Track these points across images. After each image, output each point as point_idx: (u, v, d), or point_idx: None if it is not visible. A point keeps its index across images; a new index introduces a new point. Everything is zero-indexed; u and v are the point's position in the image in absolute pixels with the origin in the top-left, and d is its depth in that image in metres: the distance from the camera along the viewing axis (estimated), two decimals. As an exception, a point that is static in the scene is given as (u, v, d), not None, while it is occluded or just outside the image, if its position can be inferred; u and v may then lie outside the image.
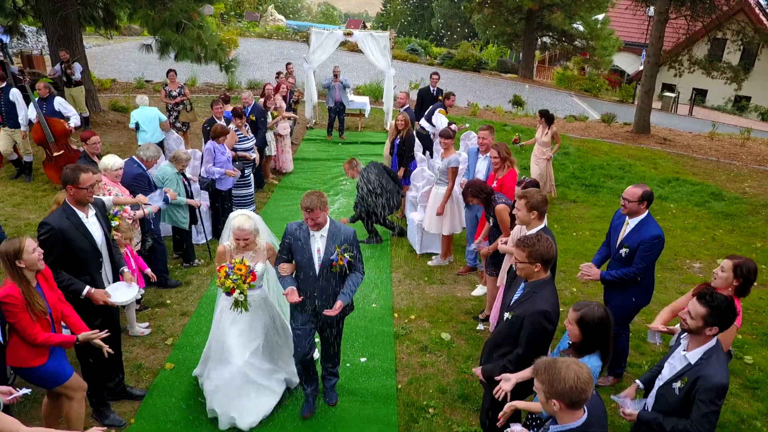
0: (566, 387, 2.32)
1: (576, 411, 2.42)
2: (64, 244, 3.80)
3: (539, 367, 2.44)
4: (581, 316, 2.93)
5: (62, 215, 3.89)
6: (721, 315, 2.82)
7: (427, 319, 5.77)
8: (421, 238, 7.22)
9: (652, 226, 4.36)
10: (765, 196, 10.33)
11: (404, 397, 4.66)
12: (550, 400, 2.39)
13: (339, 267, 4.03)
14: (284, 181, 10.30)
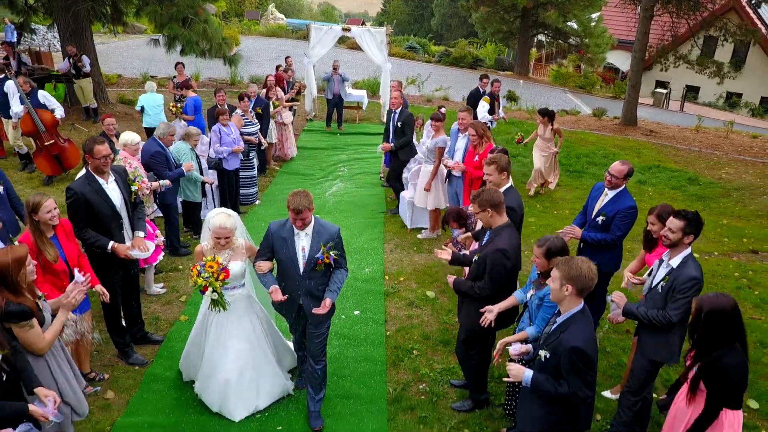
0: (580, 273, 2.94)
1: (579, 299, 3.02)
2: (87, 207, 4.41)
3: (559, 261, 3.07)
4: (547, 248, 3.56)
5: (85, 181, 4.49)
6: (695, 224, 3.59)
7: (414, 281, 6.40)
8: (411, 213, 7.85)
9: (628, 197, 4.93)
10: (739, 182, 10.94)
11: (392, 342, 5.29)
12: (564, 286, 2.98)
13: (324, 265, 4.01)
14: (285, 167, 10.92)
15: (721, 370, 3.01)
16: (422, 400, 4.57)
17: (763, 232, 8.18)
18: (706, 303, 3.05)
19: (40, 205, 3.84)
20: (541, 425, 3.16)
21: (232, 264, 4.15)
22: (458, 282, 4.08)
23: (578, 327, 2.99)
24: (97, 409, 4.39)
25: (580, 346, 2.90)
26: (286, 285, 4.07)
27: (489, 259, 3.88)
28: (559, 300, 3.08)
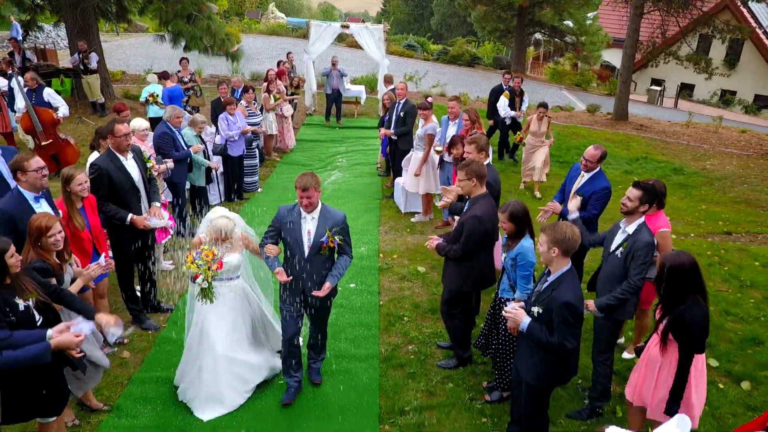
0: (564, 237, 3.36)
1: (566, 259, 3.44)
2: (109, 181, 4.86)
3: (546, 226, 3.49)
4: (510, 212, 3.99)
5: (107, 158, 4.95)
6: (651, 194, 4.05)
7: (406, 258, 6.85)
8: (405, 199, 8.29)
9: (603, 179, 5.38)
10: (722, 172, 11.38)
11: (385, 310, 5.73)
12: (551, 248, 3.40)
13: (328, 250, 4.12)
14: (285, 158, 11.35)
15: (685, 324, 3.39)
16: (411, 359, 5.01)
17: (738, 216, 8.62)
18: (668, 260, 3.46)
19: (73, 178, 4.28)
20: (537, 373, 3.55)
21: (228, 257, 4.27)
22: (439, 246, 4.52)
23: (568, 285, 3.40)
24: (115, 366, 4.83)
25: (571, 301, 3.31)
26: (290, 267, 4.18)
27: (466, 225, 4.32)
28: (548, 261, 3.50)
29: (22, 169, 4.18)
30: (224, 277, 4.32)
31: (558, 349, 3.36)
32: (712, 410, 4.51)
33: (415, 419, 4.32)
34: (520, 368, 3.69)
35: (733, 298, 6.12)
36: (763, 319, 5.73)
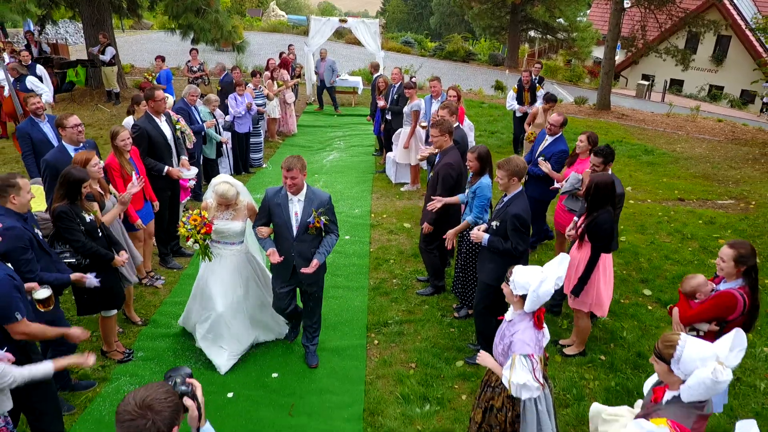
0: (517, 167, 4.32)
1: (519, 184, 4.37)
2: (148, 139, 5.86)
3: (501, 161, 4.39)
4: (478, 153, 4.98)
5: (146, 120, 5.97)
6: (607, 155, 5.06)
7: (394, 217, 7.84)
8: (395, 170, 9.28)
9: (563, 143, 6.40)
10: (690, 153, 12.36)
11: (374, 255, 6.72)
12: (511, 179, 4.34)
13: (315, 229, 4.30)
14: (288, 140, 12.33)
15: (598, 226, 4.47)
16: (395, 288, 6.00)
17: (693, 186, 9.61)
18: (595, 178, 4.57)
19: (118, 134, 5.27)
20: (495, 274, 4.44)
21: (232, 223, 4.54)
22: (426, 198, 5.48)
23: (518, 202, 4.38)
24: (149, 294, 5.83)
25: (520, 213, 4.29)
26: (281, 247, 4.37)
27: (441, 172, 5.31)
28: (505, 188, 4.46)
29: (62, 125, 5.20)
30: (228, 241, 4.61)
31: (512, 251, 4.33)
32: (640, 325, 5.50)
33: (396, 329, 5.31)
34: (480, 274, 4.67)
35: (674, 246, 7.11)
36: (697, 262, 6.71)
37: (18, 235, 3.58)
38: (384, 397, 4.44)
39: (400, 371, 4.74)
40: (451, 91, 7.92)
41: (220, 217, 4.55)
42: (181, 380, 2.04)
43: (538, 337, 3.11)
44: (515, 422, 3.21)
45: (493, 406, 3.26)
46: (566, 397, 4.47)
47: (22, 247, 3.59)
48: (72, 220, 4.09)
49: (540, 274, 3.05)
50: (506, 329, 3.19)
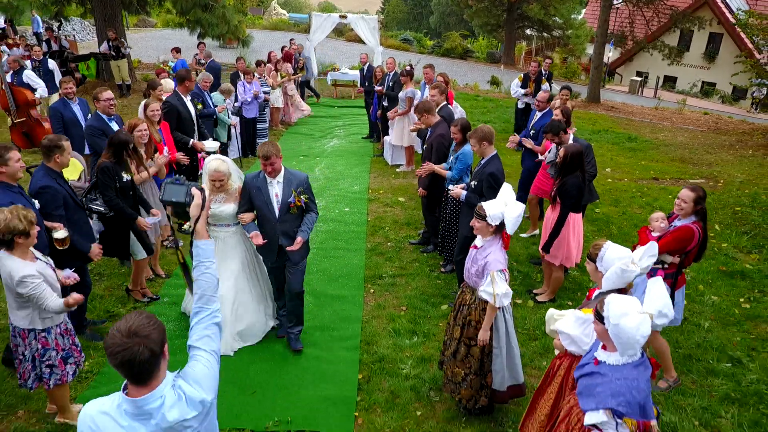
0: (485, 132, 5.05)
1: (492, 148, 5.09)
2: (177, 114, 6.60)
3: (470, 132, 5.12)
4: (460, 125, 5.69)
5: (175, 98, 6.72)
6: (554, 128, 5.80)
7: (390, 193, 8.56)
8: (392, 153, 10.00)
9: (550, 116, 7.13)
10: (671, 141, 13.07)
11: (371, 224, 7.44)
12: (482, 143, 5.06)
13: (297, 208, 4.45)
14: (290, 129, 13.04)
15: (567, 187, 5.18)
16: (389, 250, 6.72)
17: (669, 168, 10.32)
18: (569, 148, 5.29)
19: (149, 105, 6.03)
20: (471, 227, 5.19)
21: (225, 205, 4.67)
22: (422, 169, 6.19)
23: (493, 163, 5.09)
24: (170, 253, 6.54)
25: (494, 172, 5.00)
26: (264, 229, 4.51)
27: (434, 143, 6.04)
28: (481, 152, 5.18)
29: (97, 98, 5.96)
30: (222, 223, 4.77)
31: None
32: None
33: (389, 281, 6.03)
34: (461, 228, 5.39)
35: (644, 217, 7.80)
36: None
37: (53, 194, 4.28)
38: (378, 332, 5.16)
39: (392, 313, 5.46)
40: (439, 77, 8.62)
41: (213, 200, 4.68)
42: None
43: (505, 257, 3.82)
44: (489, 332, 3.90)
45: (471, 321, 3.95)
46: (536, 333, 5.19)
47: (56, 205, 4.30)
48: (110, 177, 4.81)
49: (503, 203, 3.77)
50: (477, 254, 3.88)
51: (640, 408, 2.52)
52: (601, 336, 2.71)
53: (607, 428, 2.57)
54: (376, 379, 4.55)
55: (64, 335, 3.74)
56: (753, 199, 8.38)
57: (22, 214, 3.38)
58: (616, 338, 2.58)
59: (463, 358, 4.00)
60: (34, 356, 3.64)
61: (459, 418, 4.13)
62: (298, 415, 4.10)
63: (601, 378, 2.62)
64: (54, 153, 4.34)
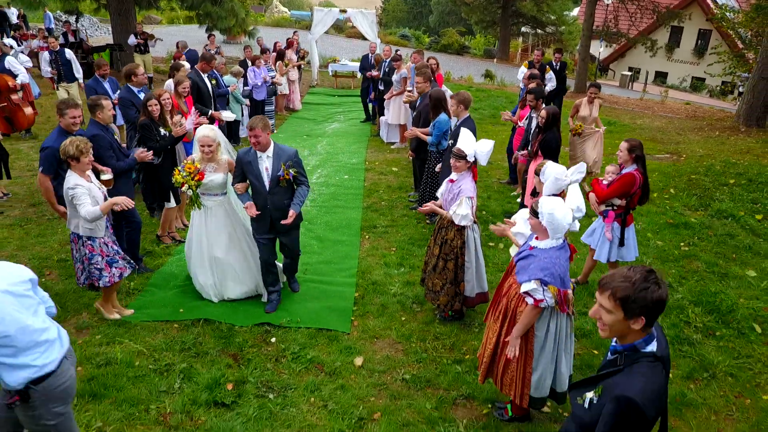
0: (464, 97, 6.07)
1: (466, 111, 6.10)
2: (197, 89, 7.62)
3: (453, 94, 6.13)
4: (433, 97, 6.68)
5: (195, 75, 7.73)
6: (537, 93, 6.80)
7: (385, 164, 9.58)
8: (387, 132, 11.01)
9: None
10: (648, 125, 14.06)
11: (367, 188, 8.46)
12: (459, 106, 6.08)
13: (286, 181, 4.73)
14: (294, 114, 14.05)
15: (547, 140, 6.23)
16: (383, 207, 7.74)
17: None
18: (548, 109, 6.31)
19: (181, 83, 7.05)
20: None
21: (215, 175, 4.98)
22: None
23: (468, 124, 6.09)
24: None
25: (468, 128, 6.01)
26: (256, 201, 4.81)
27: (422, 111, 7.06)
28: (457, 114, 6.20)
29: (135, 73, 6.96)
30: (211, 193, 5.08)
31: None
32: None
33: (382, 230, 7.05)
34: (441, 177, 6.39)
35: (609, 183, 8.82)
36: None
37: (100, 140, 5.27)
38: (372, 265, 6.17)
39: (384, 252, 6.47)
40: (431, 60, 9.62)
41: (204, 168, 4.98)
42: None
43: (475, 187, 4.82)
44: (462, 247, 4.88)
45: (447, 240, 4.93)
46: (504, 266, 6.19)
47: (104, 147, 5.30)
48: (150, 130, 5.84)
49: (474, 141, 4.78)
50: (453, 186, 4.85)
51: (561, 279, 3.51)
52: (535, 228, 3.69)
53: (536, 293, 3.55)
54: (369, 296, 5.56)
55: (107, 245, 4.66)
56: (708, 168, 9.38)
57: (75, 144, 4.35)
58: (549, 225, 3.52)
59: (441, 271, 4.98)
60: (83, 259, 4.60)
61: (435, 322, 5.14)
62: (305, 318, 5.11)
63: (533, 258, 3.60)
64: (96, 110, 5.38)
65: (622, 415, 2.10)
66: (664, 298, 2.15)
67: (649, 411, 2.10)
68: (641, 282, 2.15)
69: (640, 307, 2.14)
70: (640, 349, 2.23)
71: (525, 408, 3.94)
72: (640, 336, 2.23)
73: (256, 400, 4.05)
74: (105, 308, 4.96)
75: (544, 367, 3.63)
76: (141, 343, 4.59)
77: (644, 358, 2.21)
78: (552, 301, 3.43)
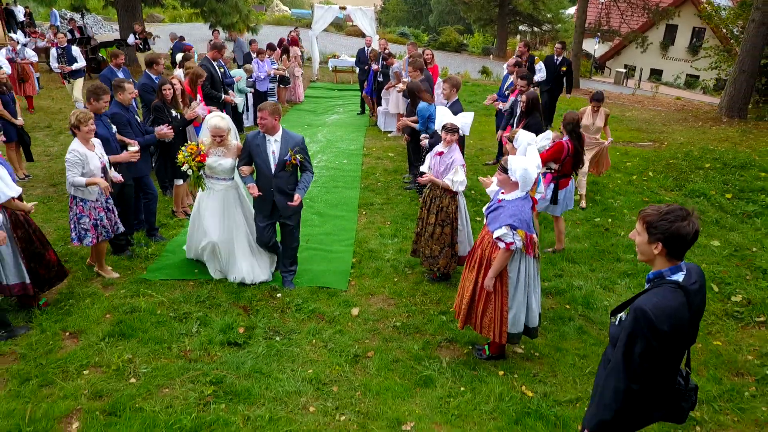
0: (455, 81, 6.66)
1: (455, 94, 6.67)
2: (211, 74, 8.20)
3: (445, 77, 6.70)
4: (408, 89, 7.25)
5: (209, 62, 8.36)
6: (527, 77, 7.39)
7: (381, 150, 10.14)
8: (384, 121, 11.58)
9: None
10: (636, 117, 14.62)
11: (365, 171, 9.02)
12: (452, 89, 6.65)
13: (291, 166, 4.86)
14: (296, 107, 14.61)
15: (530, 124, 6.75)
16: (379, 187, 8.30)
17: (624, 135, 11.87)
18: (528, 95, 6.89)
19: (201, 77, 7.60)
20: None
21: (223, 160, 5.13)
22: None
23: (455, 106, 6.64)
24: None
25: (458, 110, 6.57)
26: (260, 183, 4.93)
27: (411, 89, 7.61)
28: (448, 96, 6.76)
29: (156, 62, 7.53)
30: (219, 177, 5.23)
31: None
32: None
33: (378, 207, 7.61)
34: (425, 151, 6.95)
35: (592, 167, 9.38)
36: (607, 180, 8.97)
37: (119, 118, 5.85)
38: (368, 236, 6.73)
39: (379, 226, 7.04)
40: (426, 52, 10.18)
41: (213, 154, 5.13)
42: None
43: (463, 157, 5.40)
44: (456, 212, 5.43)
45: (442, 206, 5.46)
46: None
47: (123, 124, 5.87)
48: (162, 111, 6.42)
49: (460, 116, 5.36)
50: (444, 157, 5.38)
51: (527, 224, 4.07)
52: (503, 183, 4.24)
53: (507, 238, 4.10)
54: (366, 261, 6.13)
55: (97, 210, 5.12)
56: (686, 154, 9.94)
57: (76, 115, 4.90)
58: (522, 179, 4.07)
59: (438, 237, 5.50)
60: (74, 218, 5.10)
61: (424, 282, 5.71)
62: (307, 277, 5.68)
63: (502, 209, 4.16)
64: (118, 91, 5.97)
65: (635, 323, 2.41)
66: (683, 232, 2.39)
67: (660, 324, 2.36)
68: (667, 214, 2.43)
69: (660, 232, 2.43)
70: (666, 277, 2.51)
71: (502, 346, 4.51)
72: (666, 265, 2.50)
73: (264, 341, 4.62)
74: (103, 270, 5.51)
75: (518, 305, 4.19)
76: (161, 296, 5.16)
77: (668, 284, 2.47)
78: (521, 244, 3.99)
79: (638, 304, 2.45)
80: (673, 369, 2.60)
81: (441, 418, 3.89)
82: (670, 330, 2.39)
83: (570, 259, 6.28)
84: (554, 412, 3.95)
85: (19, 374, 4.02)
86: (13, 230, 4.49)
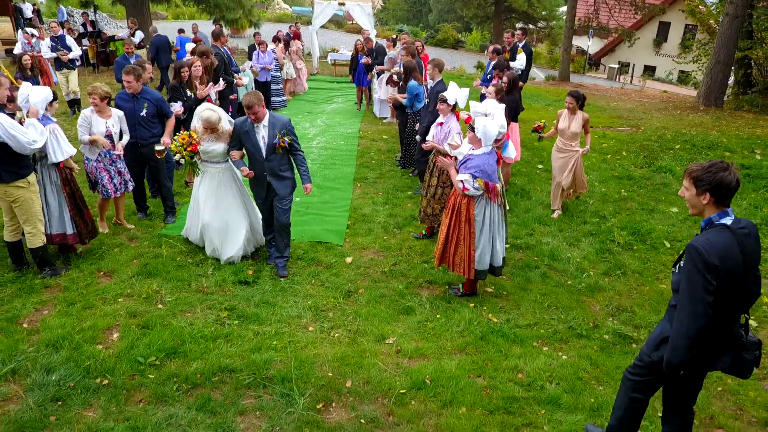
0: (439, 62, 7.42)
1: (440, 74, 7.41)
2: (223, 60, 8.97)
3: (430, 60, 7.46)
4: (405, 67, 8.01)
5: (216, 50, 9.08)
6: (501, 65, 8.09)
7: (375, 134, 10.91)
8: (379, 108, 12.34)
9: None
10: (621, 107, 15.35)
11: (360, 150, 9.79)
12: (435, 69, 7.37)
13: (281, 149, 5.03)
14: (298, 97, 15.37)
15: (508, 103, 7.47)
16: (373, 164, 9.06)
17: (604, 121, 12.63)
18: (508, 75, 7.60)
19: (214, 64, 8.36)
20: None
21: (216, 144, 5.29)
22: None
23: (439, 85, 7.37)
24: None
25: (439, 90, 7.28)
26: (254, 167, 5.12)
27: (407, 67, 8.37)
28: (432, 76, 7.50)
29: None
30: (213, 160, 5.42)
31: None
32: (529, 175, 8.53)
33: (372, 181, 8.37)
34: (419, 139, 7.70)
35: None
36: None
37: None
38: (362, 203, 7.50)
39: (372, 195, 7.80)
40: (418, 41, 10.95)
41: (206, 140, 5.30)
42: None
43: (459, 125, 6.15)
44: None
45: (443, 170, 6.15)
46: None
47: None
48: (178, 91, 7.17)
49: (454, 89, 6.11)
50: (443, 127, 6.15)
51: (488, 175, 4.82)
52: (472, 141, 5.01)
53: (467, 183, 4.82)
54: (359, 223, 6.89)
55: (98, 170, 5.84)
56: (660, 137, 10.69)
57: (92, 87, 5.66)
58: (483, 135, 4.84)
59: (440, 197, 6.23)
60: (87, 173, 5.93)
61: (410, 238, 6.47)
62: (307, 235, 6.44)
63: (470, 161, 4.93)
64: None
65: (689, 260, 2.66)
66: (727, 180, 2.65)
67: (710, 256, 2.59)
68: (710, 167, 2.70)
69: (705, 183, 2.68)
70: (714, 222, 2.75)
71: (474, 284, 5.27)
72: (714, 212, 2.75)
73: (270, 281, 5.38)
74: (100, 224, 6.20)
75: (484, 245, 4.95)
76: (181, 247, 5.92)
77: (716, 226, 2.73)
78: (478, 191, 4.76)
79: (690, 243, 2.71)
80: (731, 311, 2.79)
81: (419, 336, 4.65)
82: (720, 265, 2.62)
83: (542, 222, 7.03)
84: (514, 332, 4.72)
85: (65, 300, 4.79)
86: (63, 186, 5.26)
